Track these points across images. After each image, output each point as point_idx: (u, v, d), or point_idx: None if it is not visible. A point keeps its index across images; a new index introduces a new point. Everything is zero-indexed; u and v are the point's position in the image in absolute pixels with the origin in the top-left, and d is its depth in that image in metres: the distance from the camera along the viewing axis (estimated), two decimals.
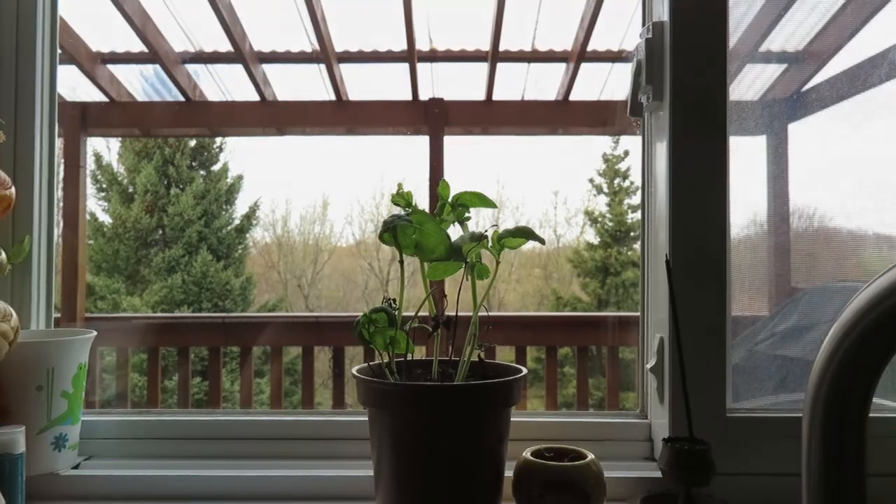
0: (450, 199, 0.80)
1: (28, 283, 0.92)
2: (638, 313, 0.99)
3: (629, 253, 6.13)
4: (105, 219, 5.61)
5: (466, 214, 0.81)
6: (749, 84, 1.18)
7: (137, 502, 0.83)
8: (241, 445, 0.93)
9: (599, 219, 6.41)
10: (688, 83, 0.86)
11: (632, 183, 6.31)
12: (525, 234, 0.77)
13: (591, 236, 6.40)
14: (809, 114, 1.27)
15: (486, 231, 0.77)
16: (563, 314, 5.60)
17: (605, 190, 6.47)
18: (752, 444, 0.85)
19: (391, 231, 0.74)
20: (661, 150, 0.90)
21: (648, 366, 0.92)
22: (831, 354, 0.51)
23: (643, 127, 0.97)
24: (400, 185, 0.80)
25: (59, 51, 0.97)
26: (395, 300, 0.77)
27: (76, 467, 0.89)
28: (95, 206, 5.61)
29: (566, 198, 6.77)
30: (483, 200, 0.80)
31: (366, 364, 0.79)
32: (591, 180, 6.48)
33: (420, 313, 0.78)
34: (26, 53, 0.93)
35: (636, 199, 6.25)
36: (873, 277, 0.49)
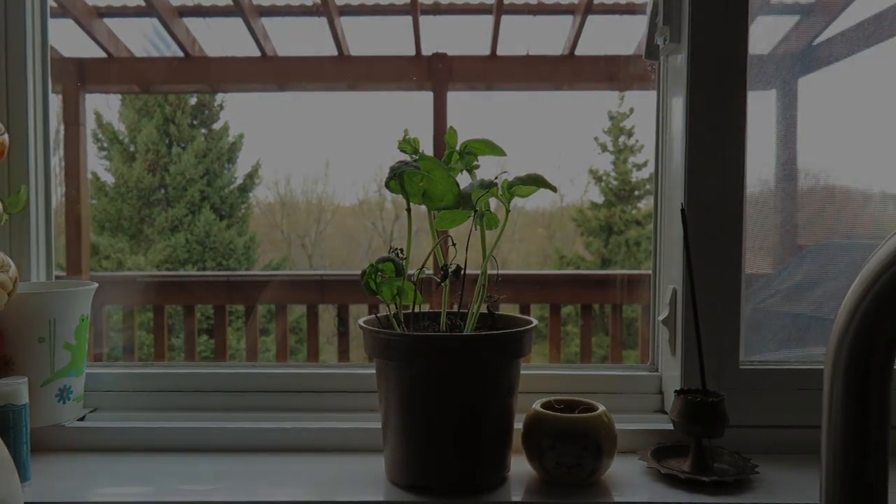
0: (457, 147, 0.77)
1: (26, 235, 0.91)
2: (642, 271, 0.97)
3: (633, 212, 6.08)
4: (107, 178, 5.58)
5: (475, 162, 0.78)
6: (760, 36, 1.14)
7: (143, 454, 0.83)
8: (246, 398, 0.92)
9: (604, 177, 6.35)
10: (707, 23, 0.82)
11: (637, 141, 6.22)
12: (536, 181, 0.74)
13: (595, 195, 6.35)
14: (821, 68, 1.23)
15: (495, 178, 0.75)
16: (566, 272, 5.59)
17: (610, 148, 6.39)
18: (766, 396, 0.84)
19: (398, 178, 0.72)
20: (678, 99, 0.87)
21: (660, 318, 0.90)
22: (855, 305, 0.49)
23: (658, 74, 0.94)
24: (406, 132, 0.77)
25: None
26: (401, 250, 0.75)
27: (81, 419, 0.88)
28: (97, 165, 5.57)
29: (571, 156, 6.69)
30: (492, 148, 0.78)
31: (373, 315, 0.78)
32: (595, 138, 6.40)
33: (426, 270, 0.76)
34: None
35: (641, 158, 6.19)
36: None
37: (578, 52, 3.30)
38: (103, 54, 3.25)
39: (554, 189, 0.75)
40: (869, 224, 1.21)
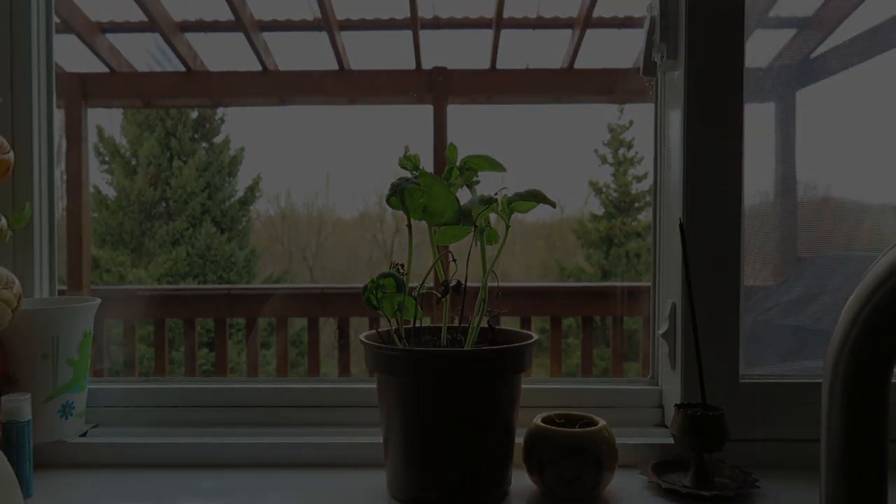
0: (458, 163, 0.78)
1: (30, 251, 0.91)
2: (643, 283, 0.98)
3: (633, 223, 6.10)
4: (108, 192, 5.60)
5: (475, 178, 0.79)
6: (758, 49, 1.15)
7: (145, 469, 0.83)
8: (248, 413, 0.93)
9: (604, 189, 6.37)
10: (703, 40, 0.83)
11: (636, 153, 6.25)
12: (536, 197, 0.75)
13: (596, 207, 6.37)
14: (818, 80, 1.24)
15: (495, 194, 0.76)
16: (567, 284, 5.60)
17: (610, 160, 6.41)
18: (766, 410, 0.84)
19: (398, 194, 0.72)
20: (675, 113, 0.88)
21: (660, 332, 0.90)
22: (853, 318, 0.49)
23: (656, 88, 0.95)
24: (407, 148, 0.78)
25: (54, 14, 0.95)
26: (402, 265, 0.76)
27: (83, 435, 0.88)
28: (98, 178, 5.60)
29: (571, 168, 6.72)
30: (492, 164, 0.78)
31: (374, 330, 0.78)
32: (595, 150, 6.43)
33: (427, 283, 0.76)
34: (20, 15, 0.91)
35: (640, 170, 6.21)
36: None
37: (578, 65, 3.32)
38: (105, 69, 3.28)
39: (553, 205, 0.75)
40: (869, 235, 1.21)
